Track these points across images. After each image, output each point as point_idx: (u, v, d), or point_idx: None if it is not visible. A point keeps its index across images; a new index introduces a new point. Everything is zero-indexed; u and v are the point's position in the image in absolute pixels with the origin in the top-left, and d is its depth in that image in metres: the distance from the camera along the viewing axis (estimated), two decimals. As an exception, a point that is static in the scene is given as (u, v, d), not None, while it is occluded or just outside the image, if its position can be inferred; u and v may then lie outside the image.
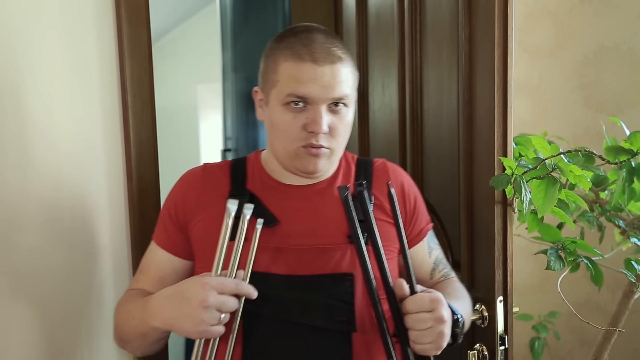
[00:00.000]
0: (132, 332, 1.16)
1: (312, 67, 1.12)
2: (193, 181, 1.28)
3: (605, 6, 2.21)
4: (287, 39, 1.17)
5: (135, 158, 1.50)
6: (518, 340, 1.96)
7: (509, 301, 1.39)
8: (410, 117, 1.76)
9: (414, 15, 1.72)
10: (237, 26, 3.39)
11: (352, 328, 1.15)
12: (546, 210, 1.29)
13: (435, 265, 1.34)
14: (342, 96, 1.14)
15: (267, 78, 1.20)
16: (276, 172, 1.26)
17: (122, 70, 1.48)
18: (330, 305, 1.14)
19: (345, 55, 1.16)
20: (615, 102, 2.20)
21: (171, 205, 1.27)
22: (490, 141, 1.35)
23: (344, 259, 1.17)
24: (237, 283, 1.05)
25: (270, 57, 1.19)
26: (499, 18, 1.32)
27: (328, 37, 1.17)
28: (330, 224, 1.20)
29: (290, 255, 1.17)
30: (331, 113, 1.16)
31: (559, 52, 2.31)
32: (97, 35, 1.44)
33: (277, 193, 1.24)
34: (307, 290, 1.15)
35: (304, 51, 1.13)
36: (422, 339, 1.03)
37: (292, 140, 1.16)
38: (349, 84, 1.17)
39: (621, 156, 1.37)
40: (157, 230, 1.29)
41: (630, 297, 1.56)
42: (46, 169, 1.31)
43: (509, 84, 1.33)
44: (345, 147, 1.25)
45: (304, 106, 1.14)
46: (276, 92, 1.16)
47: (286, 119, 1.15)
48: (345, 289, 1.15)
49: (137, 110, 1.51)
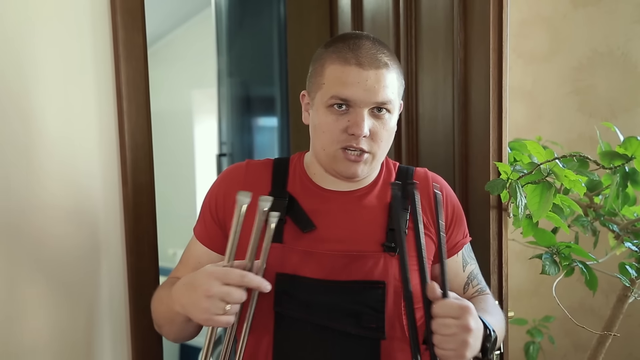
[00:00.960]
0: (162, 317, 1.21)
1: (357, 70, 1.13)
2: (235, 177, 1.29)
3: (598, 12, 2.22)
4: (335, 44, 1.19)
5: (131, 163, 1.50)
6: (513, 345, 1.96)
7: (504, 306, 1.39)
8: (405, 121, 1.76)
9: (409, 20, 1.72)
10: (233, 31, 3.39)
11: (382, 336, 1.15)
12: (541, 215, 1.30)
13: (470, 280, 1.32)
14: (385, 101, 1.15)
15: (313, 81, 1.21)
16: (317, 176, 1.27)
17: (117, 74, 1.48)
18: (360, 312, 1.15)
19: (391, 62, 1.18)
20: (608, 107, 2.21)
21: (212, 200, 1.28)
22: (486, 146, 1.36)
23: (377, 266, 1.17)
24: (242, 275, 1.04)
25: (318, 61, 1.21)
26: (494, 23, 1.33)
27: (375, 44, 1.18)
28: (365, 231, 1.21)
29: (323, 260, 1.17)
30: (373, 118, 1.16)
31: (553, 57, 2.33)
32: (93, 39, 1.44)
33: (316, 197, 1.25)
34: (339, 295, 1.16)
35: (350, 55, 1.14)
36: (445, 344, 1.01)
37: (333, 142, 1.17)
38: (394, 90, 1.17)
39: (616, 161, 1.38)
40: (198, 224, 1.31)
41: (625, 301, 1.56)
42: (41, 173, 1.31)
43: (504, 89, 1.34)
44: (387, 152, 1.25)
45: (347, 109, 1.15)
46: (321, 95, 1.18)
47: (328, 121, 1.17)
48: (376, 296, 1.16)
49: (132, 115, 1.50)
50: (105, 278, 1.47)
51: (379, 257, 1.18)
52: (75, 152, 1.39)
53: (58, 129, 1.35)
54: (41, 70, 1.31)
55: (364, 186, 1.27)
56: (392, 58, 1.19)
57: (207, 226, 1.28)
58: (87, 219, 1.42)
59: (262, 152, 3.58)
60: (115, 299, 1.49)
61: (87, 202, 1.43)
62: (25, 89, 1.27)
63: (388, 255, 1.18)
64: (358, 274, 1.17)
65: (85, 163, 1.42)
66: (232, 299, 1.03)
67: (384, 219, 1.22)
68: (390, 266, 1.17)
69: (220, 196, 1.28)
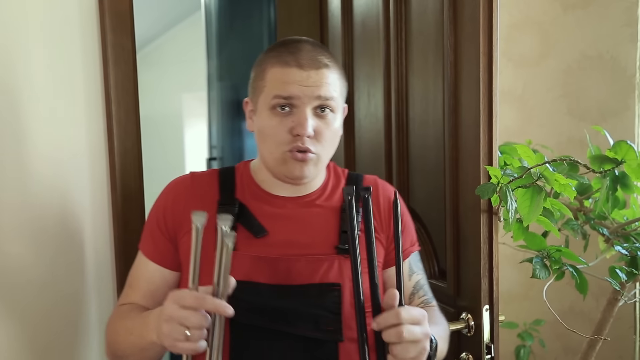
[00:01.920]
0: (130, 347, 1.13)
1: (297, 71, 1.15)
2: (181, 189, 1.26)
3: (588, 16, 2.23)
4: (276, 48, 1.20)
5: (120, 167, 1.49)
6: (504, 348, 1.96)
7: (495, 310, 1.39)
8: (396, 125, 1.76)
9: (399, 24, 1.72)
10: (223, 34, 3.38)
11: (339, 338, 1.15)
12: (532, 219, 1.30)
13: (415, 290, 1.32)
14: (327, 96, 1.16)
15: (255, 86, 1.22)
16: (266, 183, 1.26)
17: (106, 78, 1.47)
18: (317, 315, 1.15)
19: (332, 64, 1.19)
20: (598, 111, 2.21)
21: (159, 214, 1.24)
22: (476, 150, 1.36)
23: (332, 269, 1.17)
24: (197, 297, 0.97)
25: (259, 66, 1.21)
26: (484, 27, 1.33)
27: (316, 48, 1.19)
28: (318, 235, 1.21)
29: (278, 265, 1.16)
30: (317, 117, 1.17)
31: (542, 61, 2.33)
32: (81, 43, 1.43)
33: (266, 204, 1.24)
34: (295, 299, 1.15)
35: (290, 58, 1.16)
36: (405, 353, 0.99)
37: (279, 145, 1.17)
38: (336, 89, 1.18)
39: (606, 165, 1.38)
40: (145, 242, 1.26)
41: (615, 305, 1.56)
42: (29, 178, 1.29)
43: (494, 92, 1.34)
44: (332, 156, 1.26)
45: (290, 110, 1.16)
46: (263, 97, 1.18)
47: (273, 124, 1.16)
48: (332, 298, 1.16)
49: (121, 119, 1.50)
50: (94, 284, 1.46)
51: (334, 260, 1.18)
52: (63, 157, 1.38)
53: (46, 133, 1.34)
54: (29, 74, 1.30)
55: (313, 191, 1.27)
56: (333, 60, 1.20)
57: (157, 242, 1.24)
58: (75, 224, 1.41)
59: (252, 156, 3.56)
60: (104, 302, 1.48)
61: (76, 207, 1.42)
62: (12, 93, 1.26)
63: (342, 257, 1.18)
64: (313, 277, 1.17)
65: (74, 168, 1.41)
66: (190, 323, 0.96)
67: (336, 222, 1.23)
68: (345, 268, 1.18)
69: (169, 209, 1.24)
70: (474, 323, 1.40)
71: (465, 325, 1.41)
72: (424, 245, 1.65)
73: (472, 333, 1.40)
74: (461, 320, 1.43)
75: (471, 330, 1.41)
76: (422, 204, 1.68)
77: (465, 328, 1.41)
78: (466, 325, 1.41)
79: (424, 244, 1.65)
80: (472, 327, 1.40)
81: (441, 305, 1.54)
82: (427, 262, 1.63)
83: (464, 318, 1.42)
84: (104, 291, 1.48)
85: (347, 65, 2.08)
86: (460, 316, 1.44)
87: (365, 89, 1.96)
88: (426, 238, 1.66)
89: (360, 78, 2.01)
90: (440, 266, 1.60)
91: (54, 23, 1.36)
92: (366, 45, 1.96)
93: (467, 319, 1.41)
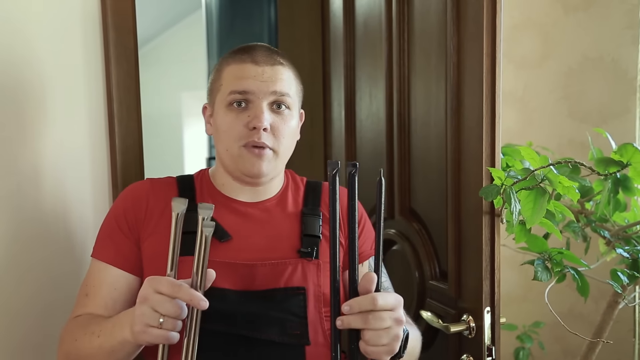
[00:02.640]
0: (96, 350, 1.06)
1: (252, 66, 1.18)
2: (141, 193, 1.23)
3: (589, 18, 2.23)
4: (232, 52, 1.24)
5: (121, 165, 1.49)
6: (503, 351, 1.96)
7: (496, 312, 1.39)
8: (397, 126, 1.76)
9: (401, 25, 1.72)
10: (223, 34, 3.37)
11: (306, 341, 1.15)
12: (535, 221, 1.30)
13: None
14: (282, 92, 1.18)
15: (212, 88, 1.25)
16: (226, 187, 1.26)
17: (108, 77, 1.47)
18: (283, 320, 1.15)
19: (286, 62, 1.23)
20: (599, 113, 2.21)
21: (120, 217, 1.20)
22: (478, 151, 1.35)
23: (296, 273, 1.18)
24: (173, 284, 0.94)
25: (216, 69, 1.25)
26: (487, 29, 1.32)
27: (271, 49, 1.24)
28: (280, 239, 1.22)
29: (243, 271, 1.16)
30: (273, 113, 1.19)
31: (544, 63, 2.33)
32: (83, 41, 1.43)
33: (227, 209, 1.23)
34: (260, 304, 1.14)
35: (246, 56, 1.20)
36: (378, 340, 0.97)
37: (235, 140, 1.18)
38: (291, 87, 1.21)
39: (611, 168, 1.38)
40: (103, 248, 1.20)
41: (615, 308, 1.57)
42: (30, 176, 1.29)
43: (497, 94, 1.33)
44: (290, 155, 1.26)
45: (247, 105, 1.18)
46: (220, 96, 1.21)
47: (229, 120, 1.18)
48: (298, 302, 1.16)
49: (123, 118, 1.50)
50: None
51: (297, 264, 1.19)
52: (65, 154, 1.38)
53: (48, 131, 1.34)
54: (31, 73, 1.30)
55: (273, 195, 1.29)
56: (288, 61, 1.24)
57: (120, 246, 1.18)
58: (76, 221, 1.41)
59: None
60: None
61: (77, 204, 1.41)
62: (14, 91, 1.26)
63: (305, 260, 1.19)
64: (278, 282, 1.17)
65: (75, 165, 1.41)
66: (163, 310, 0.93)
67: (297, 226, 1.25)
68: (309, 271, 1.19)
69: (130, 211, 1.20)
70: (475, 325, 1.40)
71: (466, 327, 1.41)
72: (425, 246, 1.65)
73: (473, 335, 1.40)
74: (462, 322, 1.42)
75: (472, 332, 1.40)
76: (424, 205, 1.68)
77: (467, 330, 1.41)
78: (467, 327, 1.41)
79: (425, 245, 1.65)
80: (473, 329, 1.40)
81: (442, 306, 1.54)
82: (428, 264, 1.63)
83: (465, 320, 1.42)
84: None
85: (348, 66, 2.08)
86: (461, 318, 1.44)
87: (367, 90, 1.96)
88: (427, 239, 1.65)
89: (362, 79, 2.01)
90: (442, 268, 1.60)
91: (56, 22, 1.36)
92: (368, 46, 1.96)
93: (468, 320, 1.41)
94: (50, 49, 1.35)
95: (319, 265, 1.20)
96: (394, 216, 1.80)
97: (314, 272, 1.19)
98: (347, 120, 2.09)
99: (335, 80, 2.21)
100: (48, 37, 1.34)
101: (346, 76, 2.08)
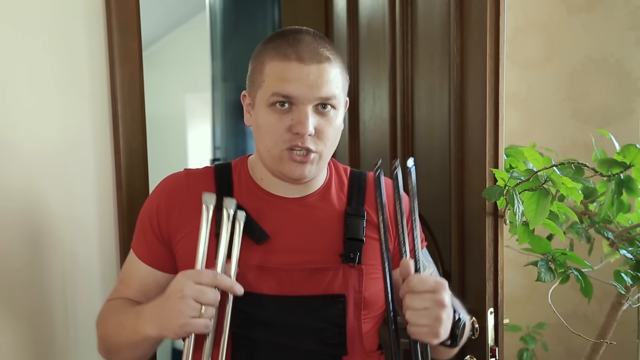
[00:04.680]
0: (124, 342, 1.10)
1: (297, 65, 1.08)
2: (176, 189, 1.20)
3: (593, 19, 2.23)
4: (274, 40, 1.14)
5: (125, 167, 1.49)
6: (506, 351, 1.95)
7: (499, 313, 1.39)
8: (401, 127, 1.76)
9: (405, 26, 1.72)
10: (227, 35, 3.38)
11: (344, 352, 1.12)
12: (538, 222, 1.30)
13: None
14: (329, 96, 1.10)
15: (253, 80, 1.16)
16: (265, 181, 1.20)
17: (112, 78, 1.47)
18: (321, 329, 1.12)
19: (334, 57, 1.13)
20: (602, 115, 2.21)
21: (152, 215, 1.19)
22: (482, 153, 1.35)
23: (336, 279, 1.13)
24: (214, 274, 0.99)
25: (258, 59, 1.15)
26: (491, 30, 1.32)
27: (316, 39, 1.13)
28: (322, 241, 1.16)
29: (281, 275, 1.13)
30: (318, 115, 1.11)
31: (547, 64, 2.33)
32: (88, 43, 1.43)
33: (266, 205, 1.18)
34: (298, 312, 1.12)
35: (290, 50, 1.09)
36: (418, 320, 0.98)
37: (277, 143, 1.11)
38: (338, 85, 1.13)
39: (614, 169, 1.38)
40: (137, 241, 1.21)
41: (619, 309, 1.56)
42: (35, 178, 1.30)
43: (500, 95, 1.33)
44: (333, 153, 1.20)
45: (290, 107, 1.10)
46: (262, 93, 1.12)
47: (271, 121, 1.11)
48: (337, 311, 1.12)
49: (127, 119, 1.50)
50: (100, 284, 1.46)
51: (338, 269, 1.14)
52: (69, 156, 1.38)
53: (52, 133, 1.34)
54: (35, 74, 1.30)
55: (315, 190, 1.21)
56: (334, 52, 1.14)
57: (149, 244, 1.19)
58: (81, 223, 1.41)
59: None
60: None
61: (82, 207, 1.42)
62: (18, 93, 1.26)
63: (347, 266, 1.14)
64: (317, 289, 1.13)
65: (80, 168, 1.41)
66: (205, 299, 0.98)
67: (340, 227, 1.18)
68: (350, 277, 1.14)
69: (162, 211, 1.18)
70: (478, 326, 1.40)
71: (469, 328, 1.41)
72: (429, 247, 1.65)
73: (477, 336, 1.40)
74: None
75: (475, 333, 1.40)
76: (427, 206, 1.68)
77: (470, 331, 1.41)
78: (470, 328, 1.41)
79: (429, 246, 1.65)
80: (476, 329, 1.40)
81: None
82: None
83: (468, 321, 1.42)
84: (109, 291, 1.48)
85: (352, 67, 2.08)
86: (464, 319, 1.44)
87: (371, 91, 1.96)
88: (431, 240, 1.65)
89: (366, 80, 2.01)
90: (445, 268, 1.60)
91: (60, 23, 1.36)
92: (372, 47, 1.96)
93: (471, 321, 1.41)
94: (54, 51, 1.35)
95: (361, 270, 1.14)
96: (397, 217, 1.79)
97: (356, 278, 1.14)
98: (350, 122, 2.09)
99: (339, 82, 2.21)
100: (52, 39, 1.34)
101: (350, 77, 2.08)
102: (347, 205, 1.21)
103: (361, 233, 1.17)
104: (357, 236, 1.17)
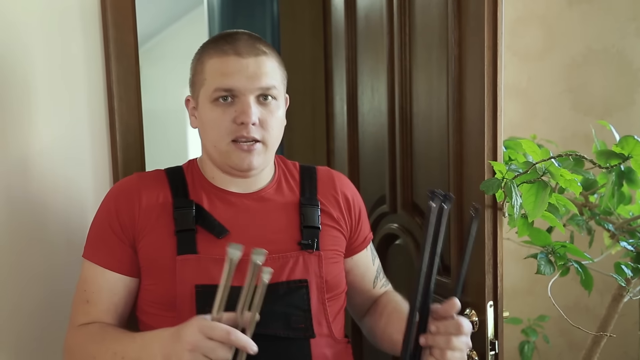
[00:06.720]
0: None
1: (236, 59, 1.14)
2: (131, 192, 1.19)
3: (593, 10, 2.22)
4: (212, 41, 1.20)
5: (122, 163, 1.49)
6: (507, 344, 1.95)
7: (499, 306, 1.38)
8: (399, 120, 1.75)
9: (403, 19, 1.71)
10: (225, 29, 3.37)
11: (311, 334, 1.16)
12: (537, 214, 1.29)
13: (378, 274, 1.38)
14: (268, 86, 1.15)
15: (195, 81, 1.21)
16: (217, 180, 1.23)
17: (108, 74, 1.47)
18: (287, 314, 1.15)
19: (270, 51, 1.18)
20: (603, 105, 2.20)
21: (113, 218, 1.17)
22: (480, 145, 1.35)
23: (298, 266, 1.17)
24: (228, 331, 0.96)
25: (198, 61, 1.20)
26: (488, 21, 1.31)
27: (252, 37, 1.19)
28: (280, 231, 1.21)
29: (244, 267, 1.09)
30: (260, 106, 1.16)
31: (547, 55, 2.32)
32: (83, 38, 1.43)
33: (221, 201, 1.21)
34: (265, 299, 1.09)
35: (228, 47, 1.15)
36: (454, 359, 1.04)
37: (223, 136, 1.15)
38: (276, 77, 1.18)
39: (612, 160, 1.37)
40: (97, 250, 1.17)
41: (620, 301, 1.56)
42: (31, 173, 1.29)
43: (498, 87, 1.32)
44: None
45: (232, 100, 1.14)
46: (204, 91, 1.17)
47: (215, 115, 1.15)
48: (301, 295, 1.16)
49: (123, 115, 1.49)
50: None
51: (298, 256, 1.18)
52: (65, 152, 1.38)
53: (48, 128, 1.34)
54: (31, 70, 1.30)
55: (267, 185, 1.26)
56: (270, 48, 1.20)
57: (113, 250, 1.16)
58: (77, 219, 1.41)
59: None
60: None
61: (78, 203, 1.41)
62: (14, 89, 1.26)
63: (306, 252, 1.19)
64: (280, 276, 1.15)
65: (76, 163, 1.41)
66: (214, 356, 0.95)
67: (296, 217, 1.23)
68: (310, 263, 1.18)
69: (123, 211, 1.17)
70: (477, 319, 1.39)
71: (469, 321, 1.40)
72: (428, 240, 1.64)
73: (476, 329, 1.40)
74: (465, 316, 1.41)
75: (475, 327, 1.40)
76: (426, 198, 1.67)
77: (469, 324, 1.40)
78: (470, 321, 1.40)
79: (428, 239, 1.64)
80: (475, 323, 1.39)
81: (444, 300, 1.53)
82: (431, 258, 1.62)
83: (467, 314, 1.41)
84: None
85: (350, 60, 2.07)
86: (464, 312, 1.43)
87: (369, 84, 1.95)
88: (430, 233, 1.64)
89: (364, 72, 2.00)
90: (444, 262, 1.59)
91: (55, 18, 1.36)
92: (370, 40, 1.95)
93: (470, 315, 1.40)
94: (50, 46, 1.34)
95: (320, 256, 1.19)
96: (396, 210, 1.79)
97: (316, 263, 1.19)
98: (349, 114, 2.08)
99: (337, 75, 2.20)
100: (47, 35, 1.34)
101: (348, 70, 2.07)
102: (301, 195, 1.27)
103: (317, 221, 1.23)
104: (314, 224, 1.23)
